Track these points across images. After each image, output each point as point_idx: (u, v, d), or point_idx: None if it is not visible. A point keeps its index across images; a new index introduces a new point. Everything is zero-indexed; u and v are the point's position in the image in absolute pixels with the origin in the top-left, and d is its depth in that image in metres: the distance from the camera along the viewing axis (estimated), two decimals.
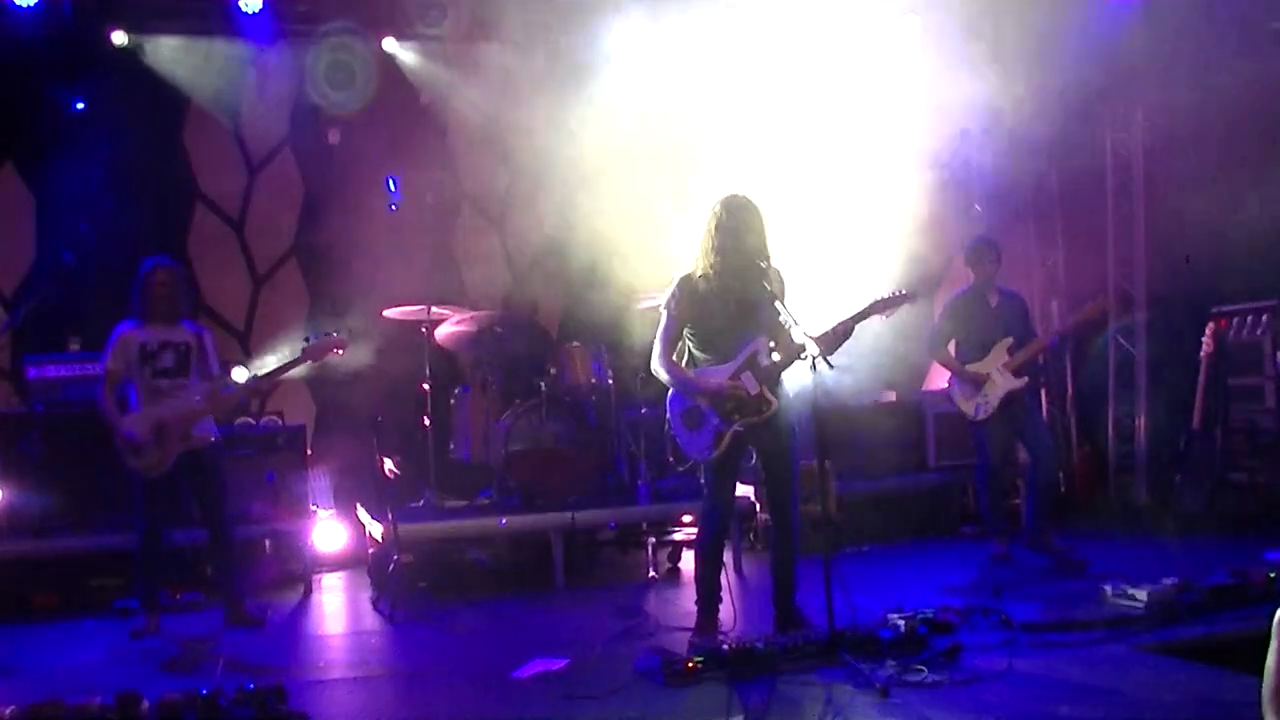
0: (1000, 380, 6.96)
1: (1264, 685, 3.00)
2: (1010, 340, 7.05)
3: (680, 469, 5.46)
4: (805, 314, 5.07)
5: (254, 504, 7.13)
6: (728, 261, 5.13)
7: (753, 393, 5.11)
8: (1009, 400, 6.96)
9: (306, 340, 6.22)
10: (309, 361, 6.18)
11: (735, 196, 5.20)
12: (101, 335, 6.23)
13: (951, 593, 6.07)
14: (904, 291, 5.30)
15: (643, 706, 4.41)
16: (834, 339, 5.06)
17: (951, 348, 7.26)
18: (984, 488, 7.29)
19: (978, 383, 7.02)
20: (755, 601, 5.95)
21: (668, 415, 5.35)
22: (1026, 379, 7.10)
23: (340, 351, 6.19)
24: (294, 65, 8.73)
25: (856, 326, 5.16)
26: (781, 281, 5.20)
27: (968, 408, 7.09)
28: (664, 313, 5.28)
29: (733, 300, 5.16)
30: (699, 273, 5.21)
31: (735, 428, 5.13)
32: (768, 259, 5.14)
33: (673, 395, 5.30)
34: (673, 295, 5.26)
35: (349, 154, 8.96)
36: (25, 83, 8.07)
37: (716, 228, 5.15)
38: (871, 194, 8.81)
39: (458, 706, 4.65)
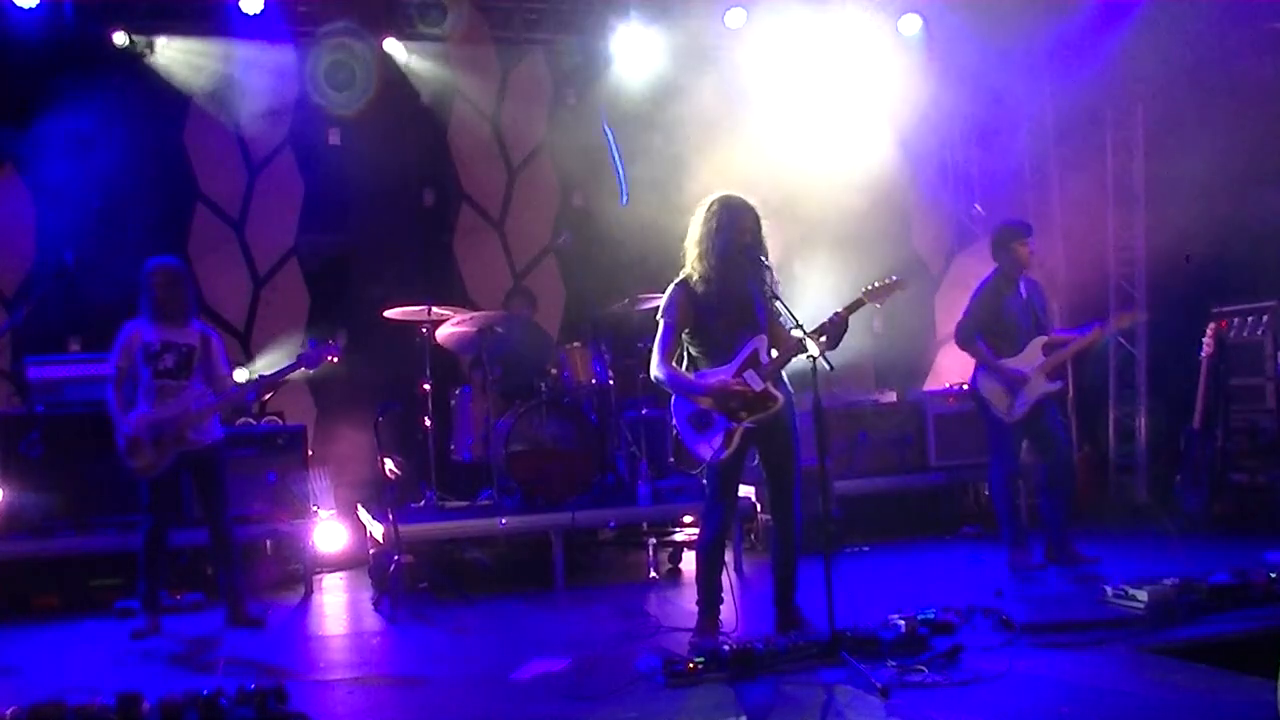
0: (1036, 381, 6.58)
1: None
2: (1045, 339, 6.69)
3: (695, 473, 5.40)
4: (803, 313, 5.07)
5: (255, 504, 7.14)
6: (725, 262, 5.11)
7: (757, 389, 5.09)
8: (1040, 402, 6.61)
9: (304, 347, 6.26)
10: (304, 368, 6.24)
11: (730, 197, 5.19)
12: (101, 335, 6.23)
13: (952, 593, 6.06)
14: (895, 277, 5.28)
15: (643, 707, 4.40)
16: (831, 333, 5.04)
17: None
18: (1004, 493, 6.76)
19: (1016, 381, 6.58)
20: (756, 602, 5.94)
21: (674, 422, 5.27)
22: (1060, 383, 6.76)
23: (334, 359, 6.22)
24: (294, 65, 8.74)
25: (850, 318, 5.12)
26: (776, 280, 5.18)
27: (1002, 406, 6.61)
28: (661, 320, 5.22)
29: (731, 301, 5.15)
30: (697, 275, 5.18)
31: (745, 425, 5.11)
32: (765, 257, 5.12)
33: (677, 401, 5.23)
34: (671, 301, 5.22)
35: (349, 154, 8.96)
36: (26, 83, 8.07)
37: (713, 229, 5.12)
38: (871, 194, 8.83)
39: (458, 707, 4.65)
